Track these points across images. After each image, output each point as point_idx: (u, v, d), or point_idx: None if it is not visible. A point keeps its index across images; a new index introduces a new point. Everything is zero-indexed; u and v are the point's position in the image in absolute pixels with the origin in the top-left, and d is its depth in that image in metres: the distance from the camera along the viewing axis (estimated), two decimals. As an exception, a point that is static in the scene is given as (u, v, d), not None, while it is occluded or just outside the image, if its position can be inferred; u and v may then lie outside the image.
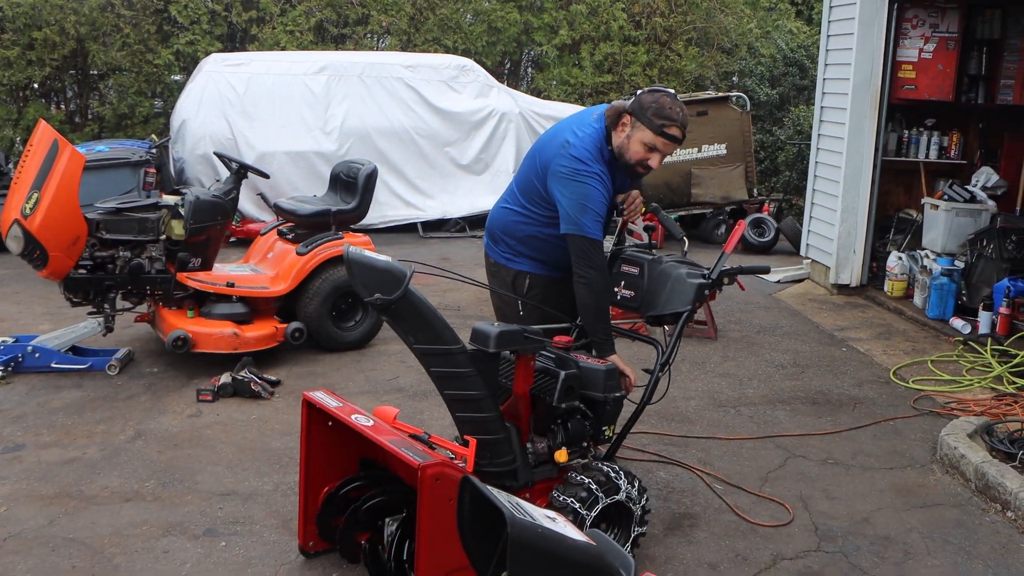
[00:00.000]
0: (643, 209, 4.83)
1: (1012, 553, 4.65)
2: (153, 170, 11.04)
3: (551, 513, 1.89)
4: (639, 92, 4.52)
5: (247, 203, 11.88)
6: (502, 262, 4.87)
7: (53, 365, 6.92)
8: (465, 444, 3.90)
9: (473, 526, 1.90)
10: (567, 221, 4.43)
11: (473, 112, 13.36)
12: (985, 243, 8.76)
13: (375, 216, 12.03)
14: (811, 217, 10.49)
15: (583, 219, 4.40)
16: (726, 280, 4.66)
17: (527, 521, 1.73)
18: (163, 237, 7.01)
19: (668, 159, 12.84)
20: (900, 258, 9.53)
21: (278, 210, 7.80)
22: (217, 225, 7.17)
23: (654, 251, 4.94)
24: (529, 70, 18.37)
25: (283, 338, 7.18)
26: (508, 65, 18.08)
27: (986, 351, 7.56)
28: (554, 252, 4.68)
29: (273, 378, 6.78)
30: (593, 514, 4.12)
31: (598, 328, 4.53)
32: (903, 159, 10.53)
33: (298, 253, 7.34)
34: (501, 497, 1.79)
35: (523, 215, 4.72)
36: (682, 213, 12.81)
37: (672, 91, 4.51)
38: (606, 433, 4.44)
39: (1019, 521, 4.91)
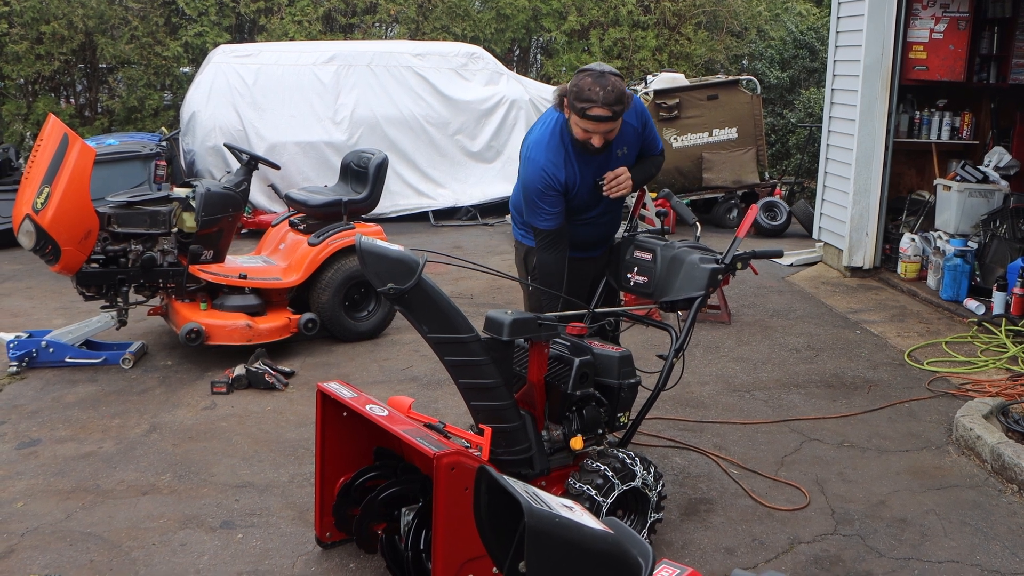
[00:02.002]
0: (629, 187, 4.78)
1: (1030, 534, 4.64)
2: (164, 163, 11.08)
3: (568, 502, 1.88)
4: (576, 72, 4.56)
5: (258, 194, 11.91)
6: (518, 238, 5.12)
7: (67, 360, 6.95)
8: (480, 433, 3.90)
9: (490, 516, 1.90)
10: None
11: (483, 100, 13.34)
12: (998, 223, 8.72)
13: (386, 205, 12.05)
14: (823, 200, 10.44)
15: (527, 210, 4.78)
16: (739, 265, 4.66)
17: (544, 510, 1.72)
18: (175, 230, 7.03)
19: (679, 144, 12.82)
20: (913, 240, 9.49)
21: (289, 201, 7.80)
22: (229, 217, 7.18)
23: (666, 236, 4.94)
24: (538, 56, 18.32)
25: (296, 329, 7.19)
26: (517, 52, 18.03)
27: (1001, 332, 7.53)
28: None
29: (287, 369, 6.80)
30: (609, 501, 4.12)
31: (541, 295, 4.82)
32: (915, 140, 10.48)
33: (310, 244, 7.34)
34: (518, 486, 1.79)
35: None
36: (693, 198, 12.78)
37: (600, 68, 4.44)
38: (621, 419, 4.44)
39: (1037, 502, 4.90)
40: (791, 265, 10.59)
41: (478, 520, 1.91)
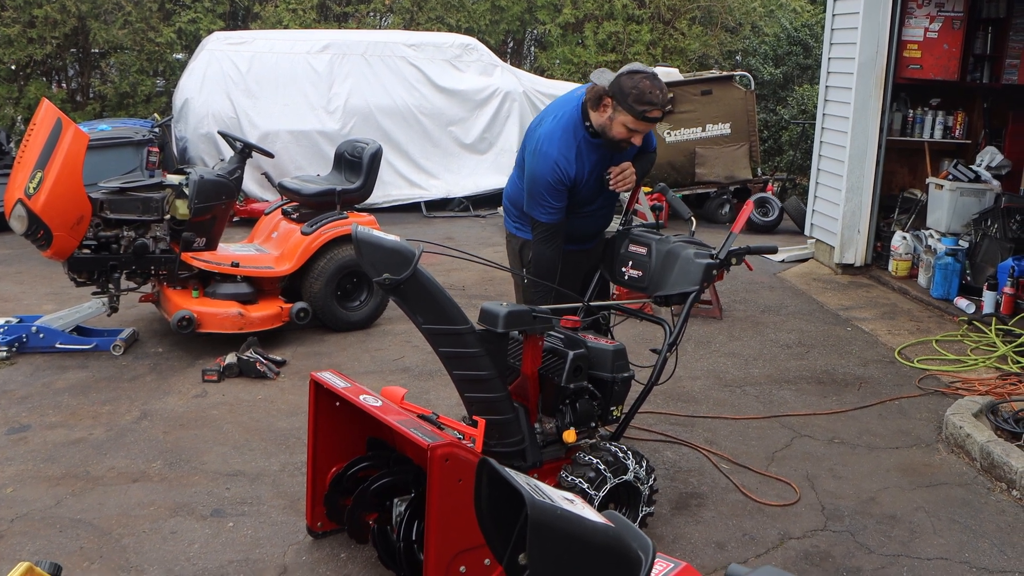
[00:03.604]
0: (633, 181, 4.80)
1: (1017, 532, 4.66)
2: (156, 149, 11.02)
3: (568, 495, 1.88)
4: (619, 73, 4.53)
5: (251, 183, 11.85)
6: (512, 231, 5.08)
7: (58, 345, 6.92)
8: (474, 424, 3.90)
9: (490, 508, 1.90)
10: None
11: (477, 91, 13.32)
12: (989, 223, 8.75)
13: (378, 195, 12.01)
14: (816, 197, 10.46)
15: (530, 202, 4.72)
16: (734, 260, 4.67)
17: (546, 503, 1.72)
18: (167, 217, 7.00)
19: (672, 139, 12.84)
20: (904, 238, 9.52)
21: (282, 190, 7.79)
22: (222, 205, 7.16)
23: (660, 231, 4.94)
24: (532, 49, 18.30)
25: (288, 318, 7.18)
26: (511, 44, 18.00)
27: (990, 331, 7.56)
28: None
29: (278, 358, 6.78)
30: (601, 494, 4.12)
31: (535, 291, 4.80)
32: (908, 139, 10.51)
33: (303, 233, 7.33)
34: (519, 479, 1.79)
35: (524, 189, 4.87)
36: (686, 192, 12.78)
37: (650, 70, 4.54)
38: (614, 413, 4.45)
39: (1025, 501, 4.93)
40: (783, 261, 10.61)
41: (478, 512, 1.91)
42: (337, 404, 4.25)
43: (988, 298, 8.02)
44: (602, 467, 4.14)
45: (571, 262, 4.94)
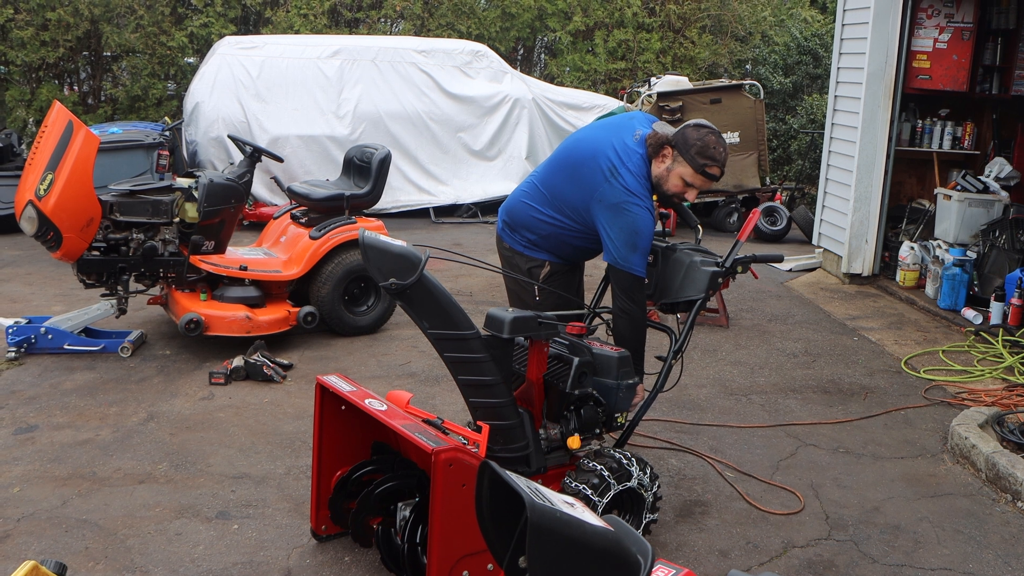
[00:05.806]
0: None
1: (1022, 543, 4.65)
2: (166, 152, 11.06)
3: (569, 498, 1.89)
4: (684, 124, 4.49)
5: (260, 187, 11.90)
6: (519, 249, 4.88)
7: (66, 347, 6.95)
8: (478, 430, 3.91)
9: (492, 511, 1.91)
10: (614, 255, 4.43)
11: (486, 98, 13.34)
12: (997, 234, 8.75)
13: (387, 201, 12.05)
14: (824, 206, 10.46)
15: (632, 257, 4.40)
16: (740, 268, 4.68)
17: (546, 506, 1.74)
18: (177, 220, 7.03)
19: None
20: (912, 248, 9.51)
21: (291, 194, 7.81)
22: (231, 208, 7.19)
23: (667, 239, 4.96)
24: (542, 56, 18.32)
25: (295, 322, 7.20)
26: (521, 51, 18.04)
27: (997, 342, 7.55)
28: (576, 253, 4.77)
29: (285, 362, 6.80)
30: (605, 500, 4.13)
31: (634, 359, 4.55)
32: (916, 149, 10.51)
33: (311, 237, 7.35)
34: (520, 482, 1.80)
35: (550, 222, 4.72)
36: (694, 200, 12.75)
37: (712, 126, 4.48)
38: (618, 420, 4.45)
39: (1030, 512, 4.92)
40: (790, 270, 10.61)
41: (479, 515, 1.92)
42: (343, 408, 4.26)
43: (995, 309, 8.02)
44: (606, 473, 4.15)
45: (570, 277, 4.90)
